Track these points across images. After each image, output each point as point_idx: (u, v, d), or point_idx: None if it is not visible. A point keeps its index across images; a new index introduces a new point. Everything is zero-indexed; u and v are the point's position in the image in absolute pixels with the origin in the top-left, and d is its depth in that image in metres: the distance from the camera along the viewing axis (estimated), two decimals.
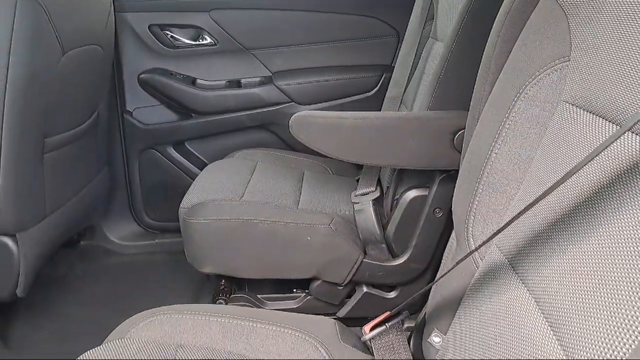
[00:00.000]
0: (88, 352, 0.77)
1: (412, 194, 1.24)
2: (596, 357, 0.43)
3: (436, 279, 0.70)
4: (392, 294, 1.32)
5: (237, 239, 1.26)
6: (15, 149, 1.16)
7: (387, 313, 0.79)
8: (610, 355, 0.42)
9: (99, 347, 0.78)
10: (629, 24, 0.54)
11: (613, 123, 0.53)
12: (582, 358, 0.44)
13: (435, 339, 0.76)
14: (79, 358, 0.76)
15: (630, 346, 0.41)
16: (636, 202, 0.45)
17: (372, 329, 0.81)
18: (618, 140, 0.48)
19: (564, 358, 0.47)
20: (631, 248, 0.44)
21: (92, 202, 1.67)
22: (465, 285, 0.72)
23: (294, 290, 1.40)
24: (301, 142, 1.77)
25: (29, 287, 1.32)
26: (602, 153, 0.50)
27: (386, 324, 0.80)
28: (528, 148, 0.67)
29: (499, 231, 0.58)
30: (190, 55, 1.83)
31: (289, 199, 1.38)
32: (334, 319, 0.92)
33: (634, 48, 0.52)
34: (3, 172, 1.16)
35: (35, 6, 1.13)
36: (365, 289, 1.32)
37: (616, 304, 0.44)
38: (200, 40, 1.82)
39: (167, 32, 1.80)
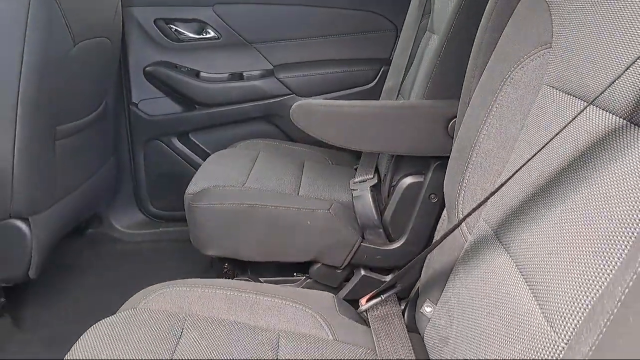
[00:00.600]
0: (102, 320, 0.83)
1: (408, 180, 1.29)
2: (564, 306, 0.48)
3: (427, 250, 0.75)
4: (389, 277, 1.38)
5: (240, 223, 1.31)
6: (28, 134, 1.21)
7: (383, 285, 0.85)
8: (576, 304, 0.47)
9: (113, 316, 0.83)
10: (604, 16, 0.59)
11: (599, 107, 0.58)
12: (553, 308, 0.50)
13: (427, 309, 0.81)
14: (94, 325, 0.82)
15: (595, 296, 0.46)
16: (601, 172, 0.51)
17: (368, 301, 0.86)
18: (586, 116, 0.54)
19: (539, 311, 0.53)
20: (593, 214, 0.50)
21: (99, 190, 1.72)
22: (455, 258, 0.77)
23: (295, 273, 1.45)
24: (301, 133, 1.82)
25: (40, 269, 1.38)
26: (574, 129, 0.55)
27: (381, 295, 0.85)
28: (513, 129, 0.73)
29: (483, 202, 0.63)
30: (194, 49, 1.88)
31: (289, 186, 1.43)
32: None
33: (607, 36, 0.57)
34: (17, 157, 1.22)
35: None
36: (363, 272, 1.37)
37: (580, 262, 0.49)
38: (204, 34, 1.87)
39: (171, 26, 1.84)
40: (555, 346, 0.48)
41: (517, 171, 0.58)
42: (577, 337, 0.44)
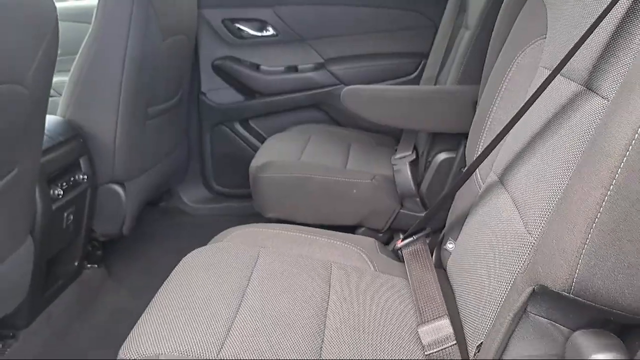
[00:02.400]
0: (197, 249, 1.08)
1: (442, 156, 1.50)
2: (536, 216, 0.69)
3: (448, 192, 0.96)
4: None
5: (297, 190, 1.55)
6: (129, 112, 1.50)
7: (413, 226, 1.07)
8: (543, 212, 0.68)
9: (206, 246, 1.08)
10: (582, 13, 0.79)
11: (568, 78, 0.78)
12: (530, 219, 0.71)
13: (449, 245, 1.03)
14: (191, 253, 1.07)
15: (553, 205, 0.67)
16: (565, 125, 0.71)
17: (402, 241, 1.08)
18: (558, 85, 0.74)
19: (522, 225, 0.73)
20: (558, 154, 0.70)
21: (174, 167, 2.00)
22: (471, 203, 0.98)
23: None
24: (348, 120, 2.05)
25: (131, 227, 1.67)
26: (551, 95, 0.76)
27: (413, 236, 1.07)
28: (517, 101, 0.93)
29: (486, 151, 0.84)
30: (256, 45, 2.13)
31: (338, 161, 1.66)
32: None
33: (582, 27, 0.77)
34: (119, 132, 1.50)
35: (146, 3, 1.46)
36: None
37: (548, 185, 0.70)
38: (264, 32, 2.12)
39: (236, 25, 2.11)
40: (528, 243, 0.69)
41: (506, 128, 0.79)
42: (542, 232, 0.65)
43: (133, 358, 0.78)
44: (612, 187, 0.53)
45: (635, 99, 0.53)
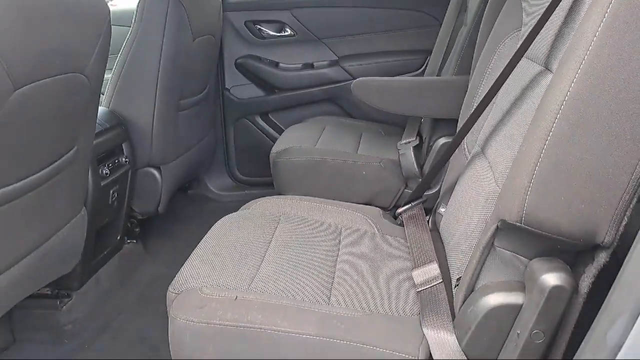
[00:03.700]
0: (227, 215, 1.27)
1: (442, 140, 1.66)
2: (503, 170, 0.86)
3: (439, 163, 1.13)
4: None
5: (312, 172, 1.73)
6: (164, 104, 1.70)
7: (410, 195, 1.24)
8: (508, 167, 0.85)
9: (235, 213, 1.27)
10: (543, 6, 0.96)
11: (533, 61, 0.95)
12: (498, 174, 0.88)
13: (442, 209, 1.20)
14: (223, 218, 1.26)
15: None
16: (528, 98, 0.88)
17: (403, 206, 1.26)
18: (525, 66, 0.91)
19: (494, 181, 0.91)
20: (522, 123, 0.87)
21: (203, 156, 2.20)
22: (459, 172, 1.15)
23: None
24: (359, 113, 2.22)
25: (165, 207, 1.86)
26: (520, 76, 0.93)
27: (411, 203, 1.25)
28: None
29: (468, 123, 1.01)
30: (275, 44, 2.33)
31: (350, 147, 1.84)
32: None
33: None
34: (156, 121, 1.70)
35: (179, 5, 1.66)
36: None
37: (512, 147, 0.87)
38: (283, 32, 2.32)
39: (257, 26, 2.30)
40: (496, 192, 0.86)
41: (483, 101, 0.96)
42: (505, 181, 0.83)
43: (180, 290, 0.96)
44: (549, 137, 0.70)
45: (567, 70, 0.70)
